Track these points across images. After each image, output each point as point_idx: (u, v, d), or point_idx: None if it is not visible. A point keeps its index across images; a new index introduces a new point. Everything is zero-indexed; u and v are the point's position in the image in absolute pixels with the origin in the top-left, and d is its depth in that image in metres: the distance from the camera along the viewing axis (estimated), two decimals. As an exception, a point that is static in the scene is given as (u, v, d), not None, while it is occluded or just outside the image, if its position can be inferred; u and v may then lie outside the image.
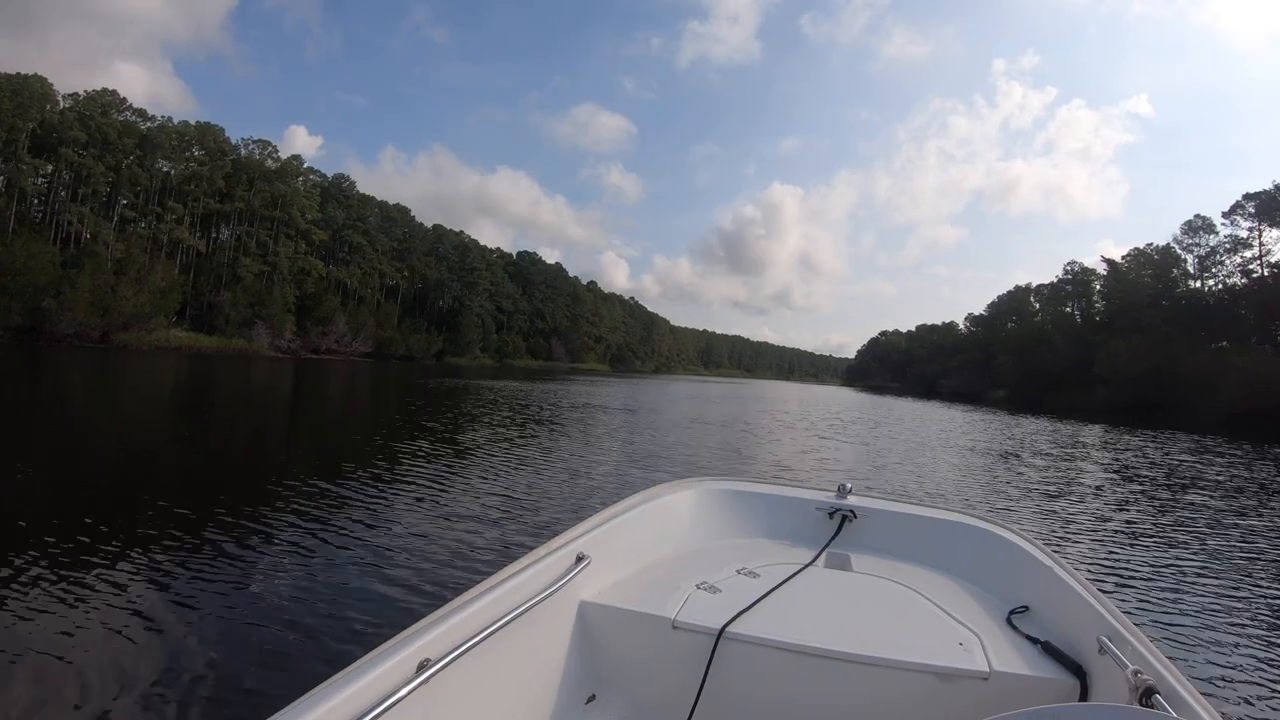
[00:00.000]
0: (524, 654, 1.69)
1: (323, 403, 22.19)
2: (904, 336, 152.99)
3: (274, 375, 35.52)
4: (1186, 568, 6.47)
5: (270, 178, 73.85)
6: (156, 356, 46.20)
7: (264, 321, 67.01)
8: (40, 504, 6.06)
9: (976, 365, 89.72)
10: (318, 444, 12.34)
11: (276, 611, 3.92)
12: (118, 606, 3.84)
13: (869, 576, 2.35)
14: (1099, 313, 72.17)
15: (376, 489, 7.41)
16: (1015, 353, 72.82)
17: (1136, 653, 1.51)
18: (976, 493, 10.27)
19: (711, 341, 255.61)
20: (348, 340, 75.41)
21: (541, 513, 6.86)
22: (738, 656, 1.82)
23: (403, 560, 5.00)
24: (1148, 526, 8.45)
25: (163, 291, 61.40)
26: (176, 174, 67.94)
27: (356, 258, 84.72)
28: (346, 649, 3.41)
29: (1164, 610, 5.09)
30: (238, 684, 3.12)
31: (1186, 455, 19.21)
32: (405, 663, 1.29)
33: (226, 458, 9.98)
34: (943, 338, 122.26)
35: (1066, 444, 21.06)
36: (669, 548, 2.50)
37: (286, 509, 6.35)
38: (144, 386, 22.61)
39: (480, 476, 8.63)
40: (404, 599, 4.24)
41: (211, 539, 5.21)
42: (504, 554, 5.18)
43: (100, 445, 10.07)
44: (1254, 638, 4.62)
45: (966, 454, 16.17)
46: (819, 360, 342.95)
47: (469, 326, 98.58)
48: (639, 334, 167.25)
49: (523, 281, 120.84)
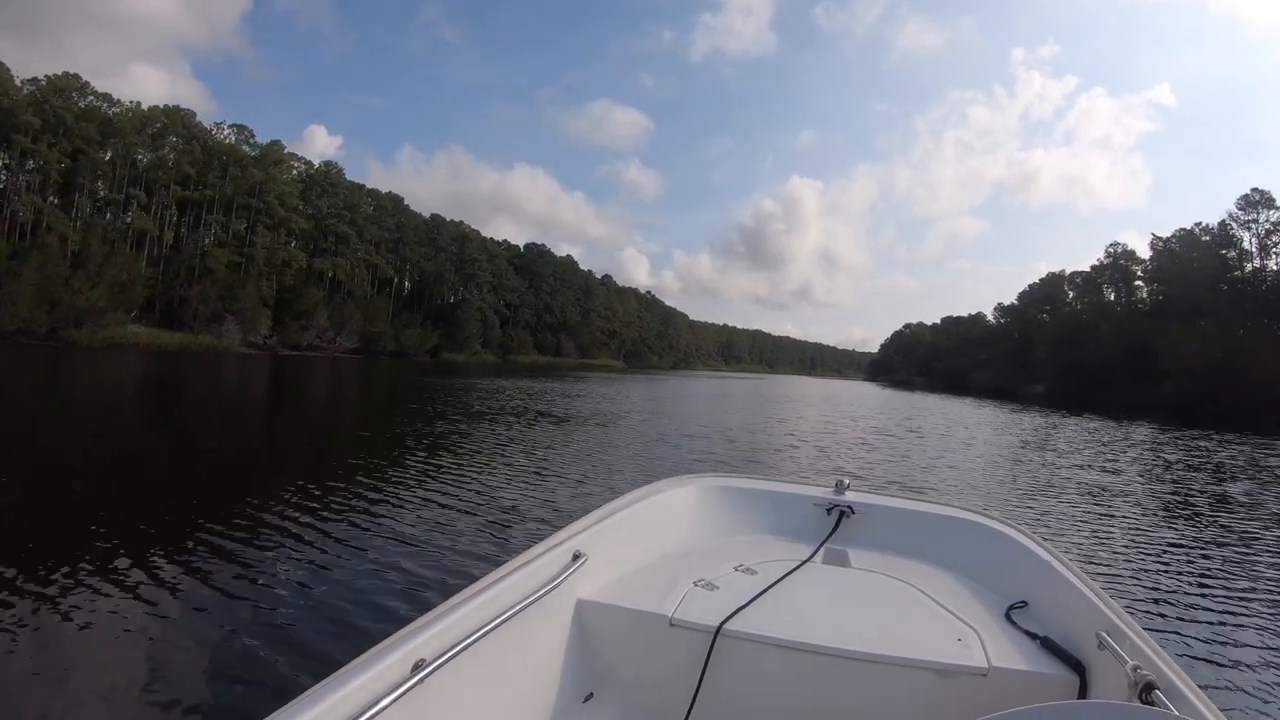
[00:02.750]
0: (520, 653, 1.68)
1: (245, 405, 19.36)
2: (929, 329, 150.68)
3: (224, 373, 32.28)
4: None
5: (247, 164, 69.35)
6: (106, 355, 42.11)
7: (235, 316, 62.61)
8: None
9: (1010, 358, 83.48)
10: (215, 451, 10.60)
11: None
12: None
13: (867, 572, 2.34)
14: (1141, 300, 64.99)
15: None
16: (1055, 344, 65.44)
17: (1136, 648, 1.50)
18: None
19: (732, 337, 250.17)
20: (330, 336, 70.95)
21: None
22: (736, 654, 1.81)
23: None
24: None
25: (123, 285, 57.90)
26: (143, 161, 63.65)
27: (344, 249, 79.95)
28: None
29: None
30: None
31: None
32: (400, 663, 1.27)
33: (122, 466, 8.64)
34: (969, 330, 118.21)
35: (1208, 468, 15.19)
36: (666, 545, 2.47)
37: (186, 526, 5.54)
38: (66, 388, 18.61)
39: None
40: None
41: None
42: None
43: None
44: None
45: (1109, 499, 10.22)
46: (841, 355, 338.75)
47: (468, 321, 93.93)
48: (656, 329, 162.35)
49: (529, 274, 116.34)
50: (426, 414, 16.21)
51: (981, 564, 2.38)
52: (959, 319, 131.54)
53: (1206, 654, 4.14)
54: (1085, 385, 55.32)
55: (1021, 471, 12.20)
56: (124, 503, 6.67)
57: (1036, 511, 8.48)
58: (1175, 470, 13.67)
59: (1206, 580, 5.82)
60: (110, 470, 8.25)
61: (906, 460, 12.98)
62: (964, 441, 17.65)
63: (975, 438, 19.04)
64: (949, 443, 17.06)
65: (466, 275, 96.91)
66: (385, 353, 76.31)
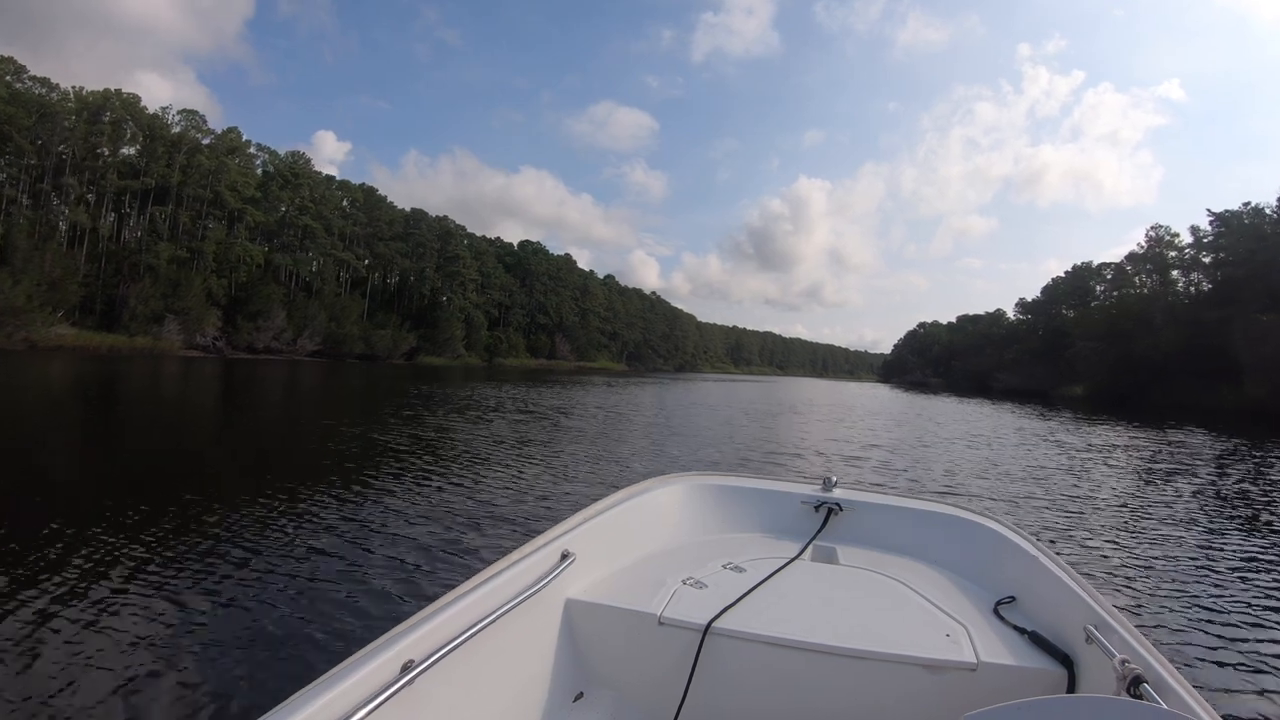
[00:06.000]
0: (509, 653, 1.68)
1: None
2: (944, 328, 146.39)
3: (132, 379, 26.95)
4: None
5: (195, 151, 63.19)
6: (16, 359, 36.12)
7: (176, 316, 56.51)
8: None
9: (1039, 357, 76.10)
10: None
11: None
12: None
13: (855, 569, 2.34)
14: (1196, 287, 57.19)
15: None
16: (1100, 338, 57.42)
17: (1124, 642, 1.51)
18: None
19: (741, 338, 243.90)
20: (289, 338, 64.76)
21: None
22: (725, 652, 1.81)
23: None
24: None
25: (53, 283, 52.26)
26: (79, 148, 57.66)
27: (309, 244, 73.59)
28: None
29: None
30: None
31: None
32: (389, 664, 1.27)
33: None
34: (988, 327, 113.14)
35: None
36: (654, 544, 2.46)
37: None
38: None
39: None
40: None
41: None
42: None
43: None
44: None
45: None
46: (854, 356, 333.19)
47: (449, 322, 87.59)
48: (660, 330, 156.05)
49: (523, 273, 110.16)
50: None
51: (969, 560, 2.37)
52: (975, 317, 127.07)
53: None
54: (1138, 386, 48.00)
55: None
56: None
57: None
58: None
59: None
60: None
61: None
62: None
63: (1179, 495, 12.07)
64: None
65: (449, 273, 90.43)
66: (353, 356, 70.11)
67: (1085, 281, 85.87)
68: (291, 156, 75.29)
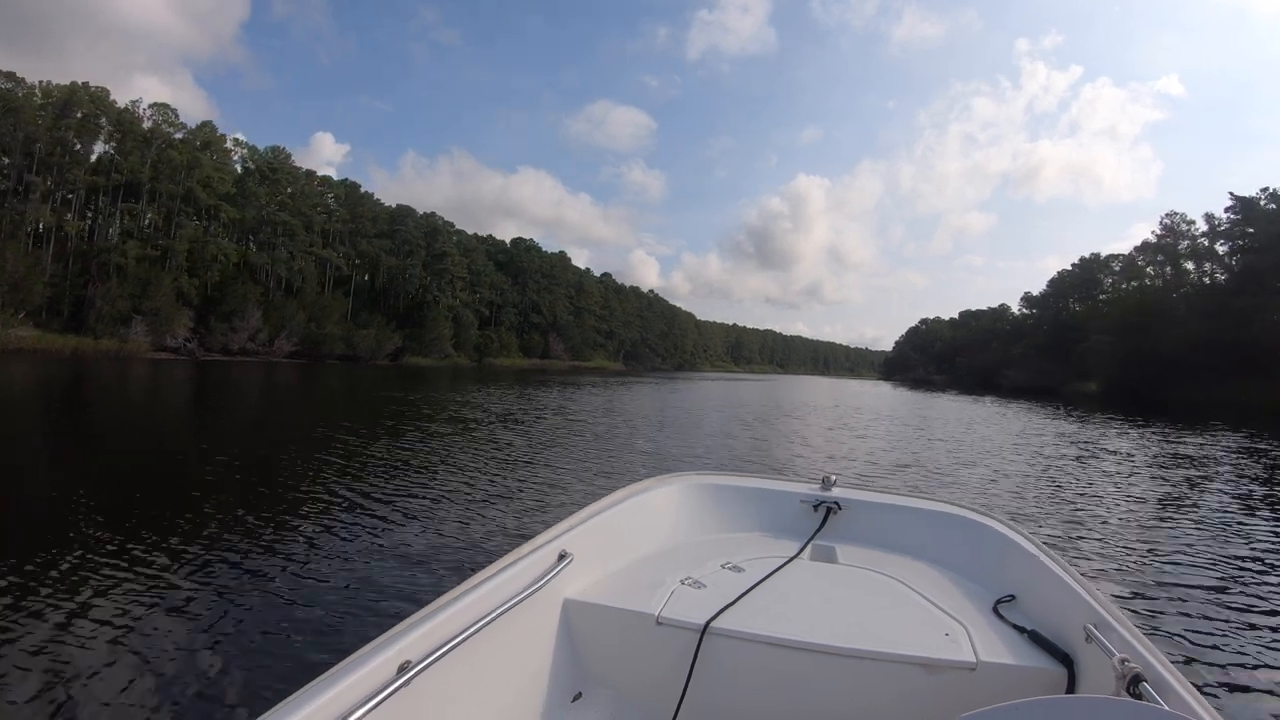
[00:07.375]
0: (507, 653, 1.67)
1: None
2: (946, 324, 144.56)
3: (93, 381, 25.78)
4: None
5: (165, 146, 60.55)
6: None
7: (144, 317, 53.98)
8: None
9: (1047, 352, 73.46)
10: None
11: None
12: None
13: (855, 568, 2.32)
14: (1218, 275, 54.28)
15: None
16: (1116, 332, 54.49)
17: (1124, 641, 1.50)
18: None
19: (741, 336, 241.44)
20: (265, 338, 62.14)
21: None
22: (723, 651, 1.80)
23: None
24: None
25: (14, 283, 49.96)
26: (45, 143, 55.09)
27: (288, 242, 70.92)
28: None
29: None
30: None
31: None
32: (386, 665, 1.26)
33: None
34: (992, 323, 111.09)
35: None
36: (653, 544, 2.44)
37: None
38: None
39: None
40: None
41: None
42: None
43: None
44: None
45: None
46: (855, 354, 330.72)
47: (436, 321, 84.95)
48: (659, 329, 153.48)
49: (515, 271, 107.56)
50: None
51: (969, 558, 2.35)
52: (978, 312, 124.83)
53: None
54: (1157, 381, 45.34)
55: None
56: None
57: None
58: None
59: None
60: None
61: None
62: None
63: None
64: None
65: (436, 271, 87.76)
66: (334, 357, 67.52)
67: (1093, 274, 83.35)
68: (271, 152, 72.56)
